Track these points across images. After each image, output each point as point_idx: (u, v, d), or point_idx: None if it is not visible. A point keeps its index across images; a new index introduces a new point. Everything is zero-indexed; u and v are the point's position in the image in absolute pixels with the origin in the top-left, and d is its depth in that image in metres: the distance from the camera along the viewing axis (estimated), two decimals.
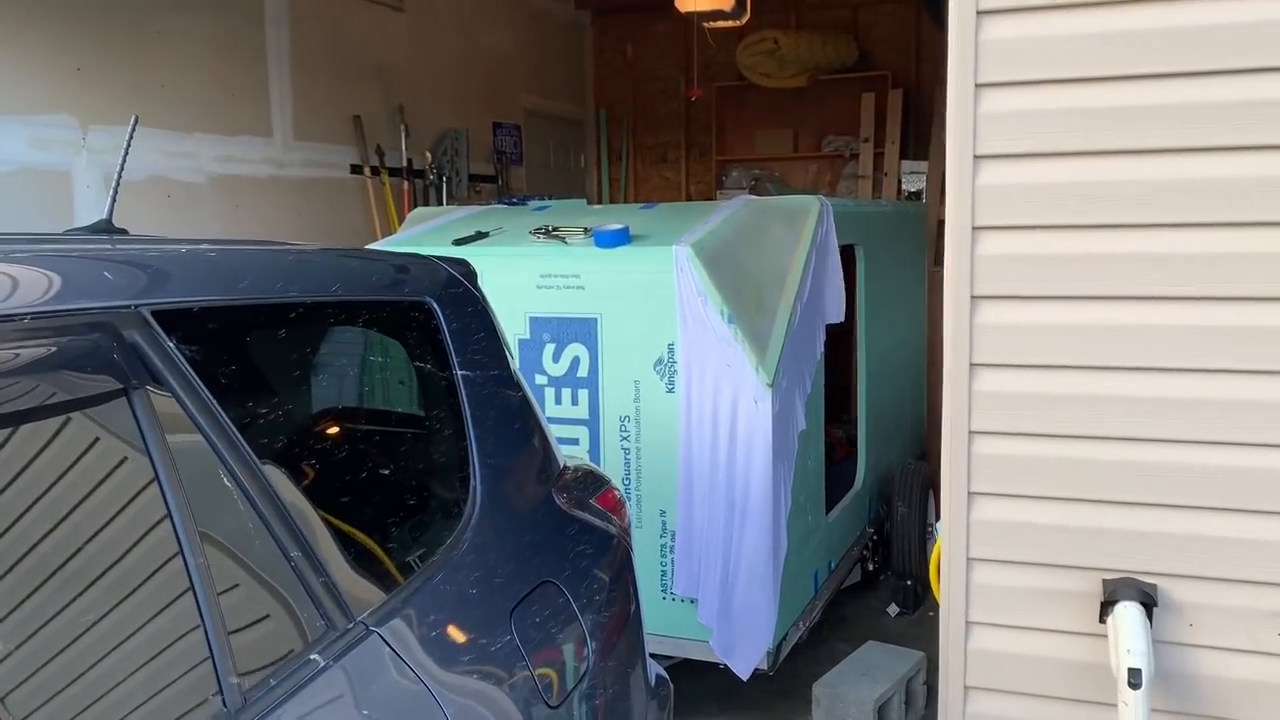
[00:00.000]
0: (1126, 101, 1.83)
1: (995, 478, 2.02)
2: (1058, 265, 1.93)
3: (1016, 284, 1.95)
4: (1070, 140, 1.87)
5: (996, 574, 2.05)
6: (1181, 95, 1.80)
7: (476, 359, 2.09)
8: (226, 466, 1.45)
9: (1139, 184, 1.85)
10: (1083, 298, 1.93)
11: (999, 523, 2.04)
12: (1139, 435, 1.93)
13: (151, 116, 5.15)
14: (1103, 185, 1.88)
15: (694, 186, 9.80)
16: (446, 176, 7.42)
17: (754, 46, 8.66)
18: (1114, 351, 1.92)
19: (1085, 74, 1.85)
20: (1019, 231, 1.93)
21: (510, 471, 2.09)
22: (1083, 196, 1.89)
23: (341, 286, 1.82)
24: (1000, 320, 1.97)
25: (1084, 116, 1.86)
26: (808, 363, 4.14)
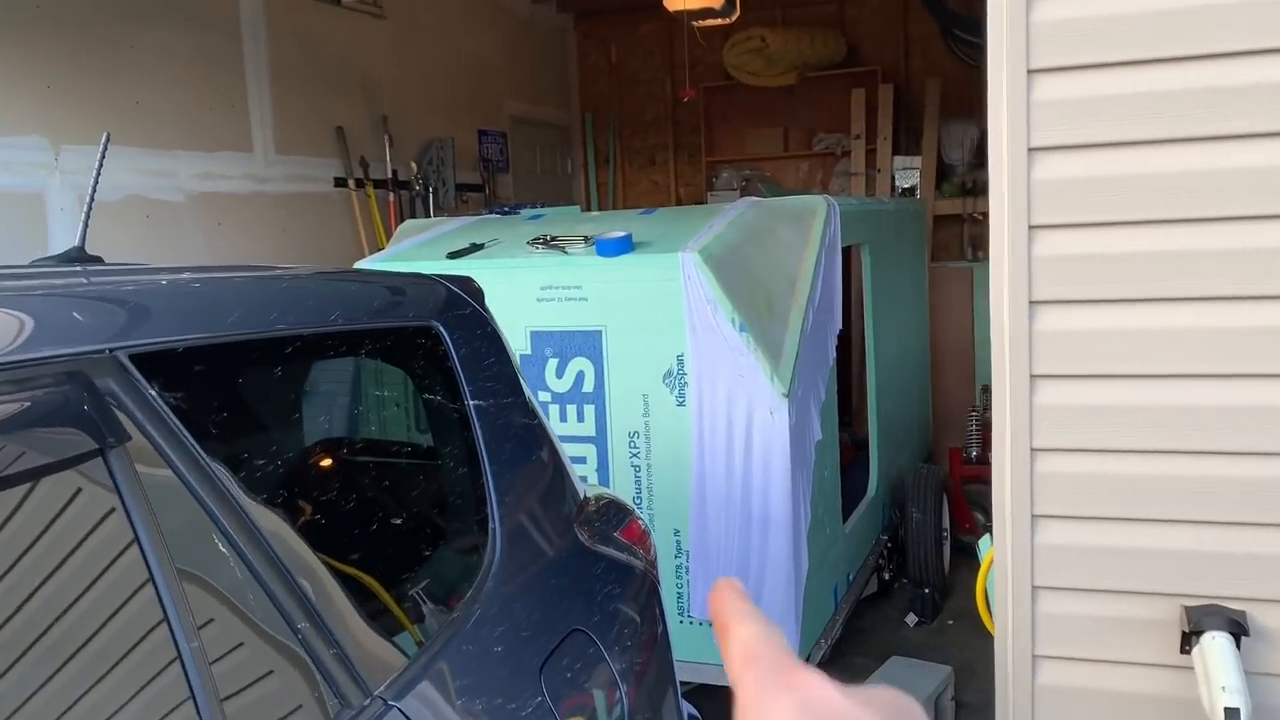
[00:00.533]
0: (1201, 83, 1.67)
1: (1062, 499, 1.86)
2: (1128, 265, 1.77)
3: (1081, 287, 1.79)
4: (1138, 128, 1.72)
5: (1065, 603, 1.89)
6: (1269, 74, 1.64)
7: (489, 386, 1.91)
8: (221, 530, 1.27)
9: (1221, 173, 1.69)
10: (1158, 299, 1.77)
11: (1067, 547, 1.87)
12: (1223, 448, 1.77)
13: (127, 134, 4.96)
14: (1180, 176, 1.72)
15: (683, 189, 9.64)
16: (433, 187, 7.24)
17: (741, 45, 8.50)
18: (1195, 358, 1.76)
19: (1154, 55, 1.70)
20: (1082, 229, 1.77)
21: (531, 510, 1.91)
22: (1156, 189, 1.73)
23: (341, 314, 1.64)
24: (1064, 327, 1.81)
25: (1153, 101, 1.71)
26: (821, 369, 3.98)
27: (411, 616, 1.59)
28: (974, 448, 5.97)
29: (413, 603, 1.63)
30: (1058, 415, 1.84)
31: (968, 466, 5.91)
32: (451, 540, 1.75)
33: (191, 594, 1.20)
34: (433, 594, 1.66)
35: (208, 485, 1.26)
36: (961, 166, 8.14)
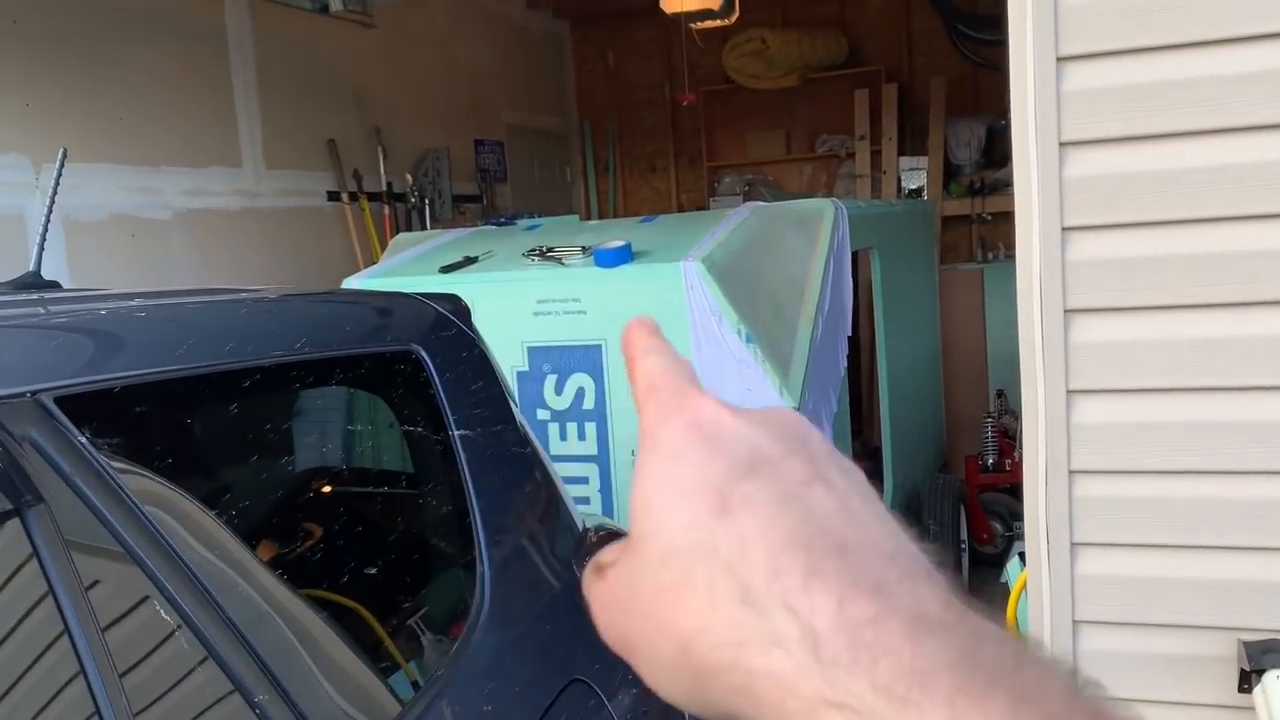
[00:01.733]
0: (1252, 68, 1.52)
1: (1104, 525, 1.70)
2: (1177, 268, 1.61)
3: (1123, 294, 1.63)
4: (1182, 118, 1.56)
5: (1110, 638, 1.72)
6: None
7: (476, 414, 1.76)
8: (164, 595, 1.11)
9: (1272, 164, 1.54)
10: (1211, 305, 1.61)
11: (1110, 578, 1.72)
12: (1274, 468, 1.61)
13: (111, 151, 4.82)
14: (1226, 168, 1.56)
15: (685, 195, 9.49)
16: (429, 199, 7.09)
17: (741, 47, 8.36)
18: (1252, 369, 1.60)
19: (1197, 38, 1.54)
20: (1123, 230, 1.62)
21: (523, 549, 1.76)
22: (1200, 184, 1.58)
23: (309, 341, 1.48)
24: (1104, 338, 1.65)
25: (1198, 88, 1.55)
26: (832, 379, 3.82)
27: (390, 676, 1.43)
28: (990, 455, 5.80)
29: (392, 660, 1.47)
30: (1098, 434, 1.68)
31: (984, 475, 5.74)
32: (435, 587, 1.60)
33: (127, 676, 1.04)
34: (414, 649, 1.51)
35: (148, 545, 1.10)
36: (969, 166, 7.97)
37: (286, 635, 1.25)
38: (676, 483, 0.38)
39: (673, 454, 0.38)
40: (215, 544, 1.22)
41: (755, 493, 0.36)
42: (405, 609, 1.53)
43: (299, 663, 1.25)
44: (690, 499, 0.37)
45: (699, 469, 0.38)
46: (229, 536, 1.23)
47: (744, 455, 0.38)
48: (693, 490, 0.37)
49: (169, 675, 1.11)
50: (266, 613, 1.24)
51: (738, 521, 0.36)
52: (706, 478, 0.37)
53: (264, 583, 1.28)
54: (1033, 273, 1.69)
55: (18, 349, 1.11)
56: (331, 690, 1.29)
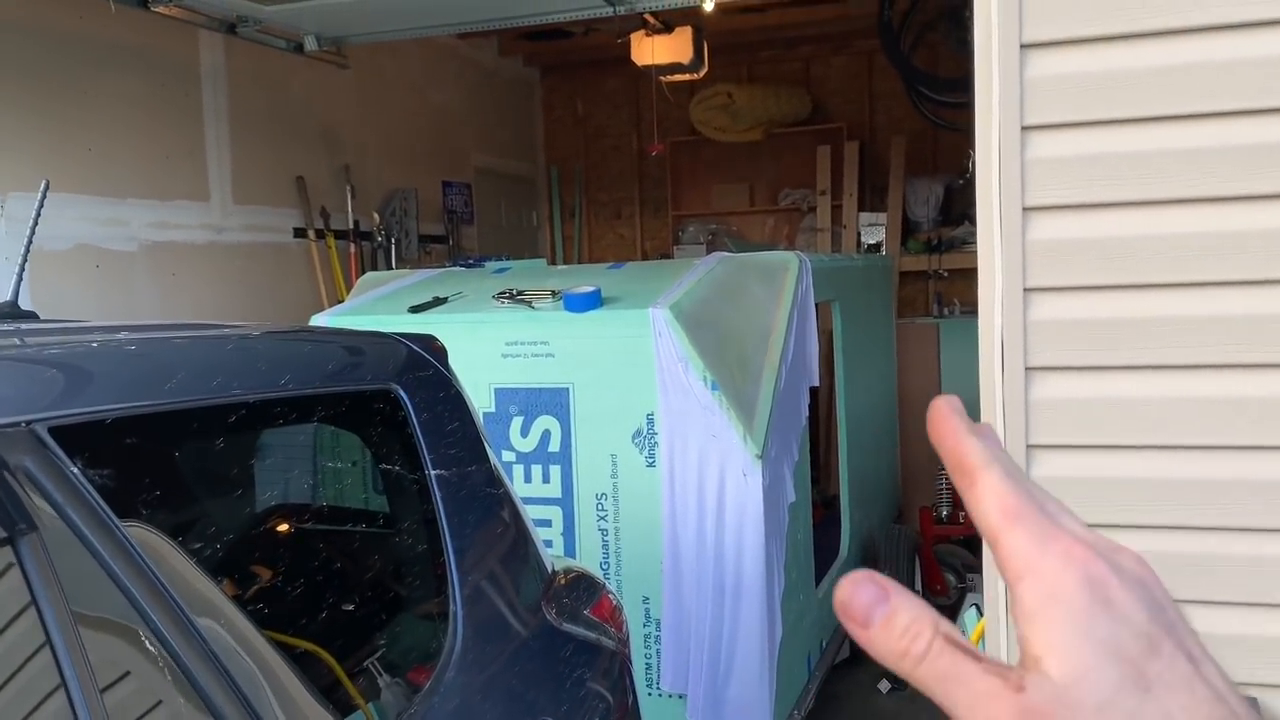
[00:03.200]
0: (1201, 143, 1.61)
1: None
2: (1132, 330, 1.69)
3: (1081, 353, 1.70)
4: (1137, 188, 1.64)
5: None
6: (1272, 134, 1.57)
7: (452, 454, 1.78)
8: (151, 629, 1.13)
9: (1226, 236, 1.62)
10: (1161, 366, 1.69)
11: None
12: (1237, 525, 1.68)
13: (78, 181, 4.80)
14: (1178, 238, 1.65)
15: (649, 243, 9.59)
16: (396, 238, 7.11)
17: (708, 101, 8.52)
18: (1203, 429, 1.68)
19: (1155, 113, 1.63)
20: (1081, 292, 1.69)
21: (496, 589, 1.78)
22: (1154, 250, 1.66)
23: (292, 378, 1.51)
24: (1062, 395, 1.72)
25: (1153, 160, 1.64)
26: (795, 429, 3.88)
27: (368, 711, 1.44)
28: (944, 507, 5.88)
29: (367, 696, 1.48)
30: (1056, 488, 1.73)
31: (939, 526, 5.82)
32: (409, 625, 1.61)
33: (112, 702, 1.06)
34: (389, 686, 1.52)
35: (136, 577, 1.12)
36: (927, 223, 8.16)
37: (267, 675, 1.26)
38: (1095, 638, 0.40)
39: (1082, 606, 0.41)
40: (198, 577, 1.23)
41: (1164, 673, 0.40)
42: (378, 647, 1.54)
43: (280, 703, 1.26)
44: (1113, 661, 0.40)
45: (1110, 633, 0.40)
46: (215, 571, 1.25)
47: (1140, 625, 0.41)
48: (1113, 652, 0.40)
49: (149, 701, 1.12)
50: (249, 644, 1.25)
51: (1160, 701, 0.39)
52: (1120, 643, 0.40)
53: (245, 615, 1.29)
54: (994, 330, 1.76)
55: (14, 380, 1.13)
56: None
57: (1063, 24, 1.65)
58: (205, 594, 1.22)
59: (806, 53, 8.85)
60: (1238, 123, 1.62)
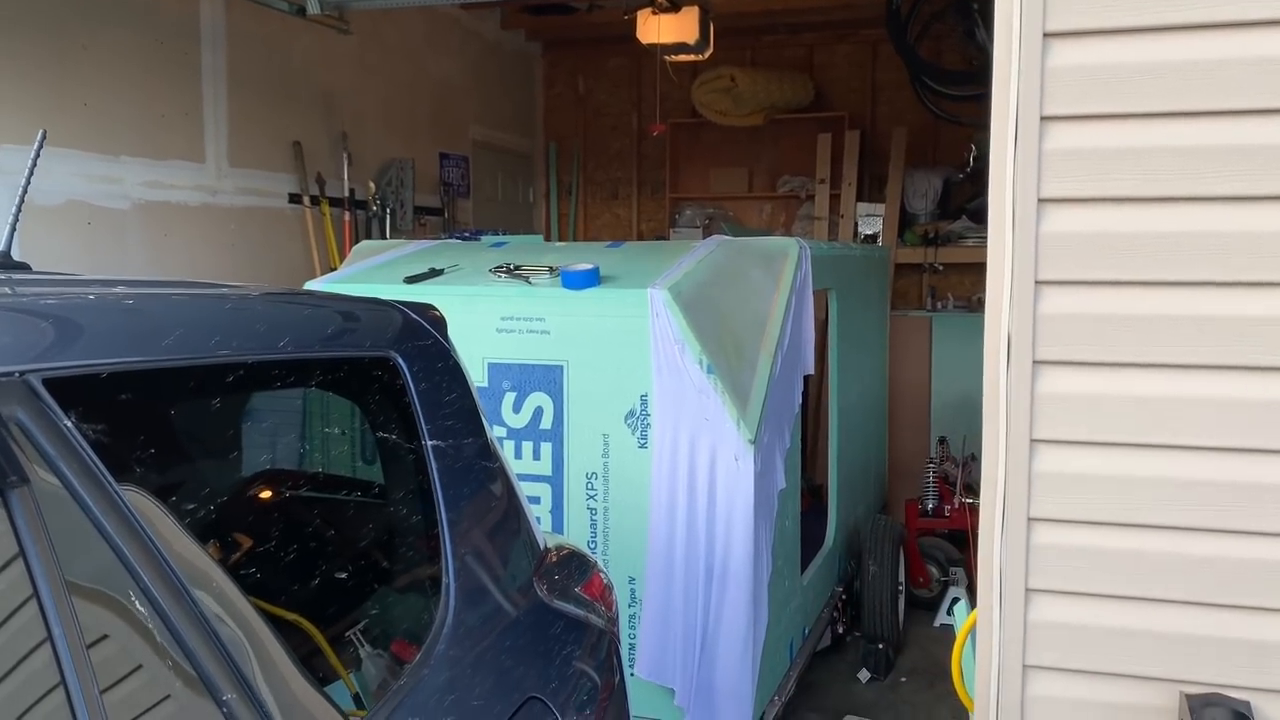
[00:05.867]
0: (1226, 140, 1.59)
1: (1058, 573, 1.74)
2: (1139, 328, 1.67)
3: (1090, 349, 1.69)
4: (1159, 185, 1.63)
5: (1058, 685, 1.77)
6: None
7: (449, 426, 1.76)
8: (139, 585, 1.10)
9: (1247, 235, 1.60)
10: (1172, 365, 1.67)
11: (1061, 625, 1.76)
12: (1234, 527, 1.67)
13: (72, 137, 4.74)
14: (1197, 235, 1.63)
15: (645, 225, 9.54)
16: (391, 208, 7.05)
17: (710, 84, 8.46)
18: (1207, 430, 1.66)
19: (1176, 108, 1.61)
20: (1093, 287, 1.67)
21: (488, 564, 1.76)
22: (1172, 248, 1.64)
23: (291, 341, 1.48)
24: (1068, 390, 1.70)
25: (1174, 157, 1.62)
26: (788, 415, 3.87)
27: (356, 681, 1.42)
28: (930, 500, 5.89)
29: (357, 665, 1.46)
30: (1058, 484, 1.73)
31: (924, 519, 5.83)
32: (401, 596, 1.59)
33: (99, 660, 1.03)
34: (379, 656, 1.50)
35: (126, 532, 1.09)
36: (924, 216, 8.13)
37: (255, 636, 1.24)
38: None
39: None
40: (189, 539, 1.21)
41: None
42: (368, 617, 1.52)
43: (267, 664, 1.24)
44: None
45: None
46: (205, 530, 1.22)
47: None
48: None
49: (137, 663, 1.10)
50: (236, 608, 1.23)
51: None
52: None
53: (234, 583, 1.26)
54: (1002, 322, 1.74)
55: (9, 329, 1.10)
56: (298, 691, 1.28)
57: (1088, 13, 1.63)
58: (196, 556, 1.19)
59: (811, 39, 8.80)
60: (1266, 121, 1.60)
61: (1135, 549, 1.71)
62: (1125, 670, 1.74)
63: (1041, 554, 1.74)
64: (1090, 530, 1.72)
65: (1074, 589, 1.74)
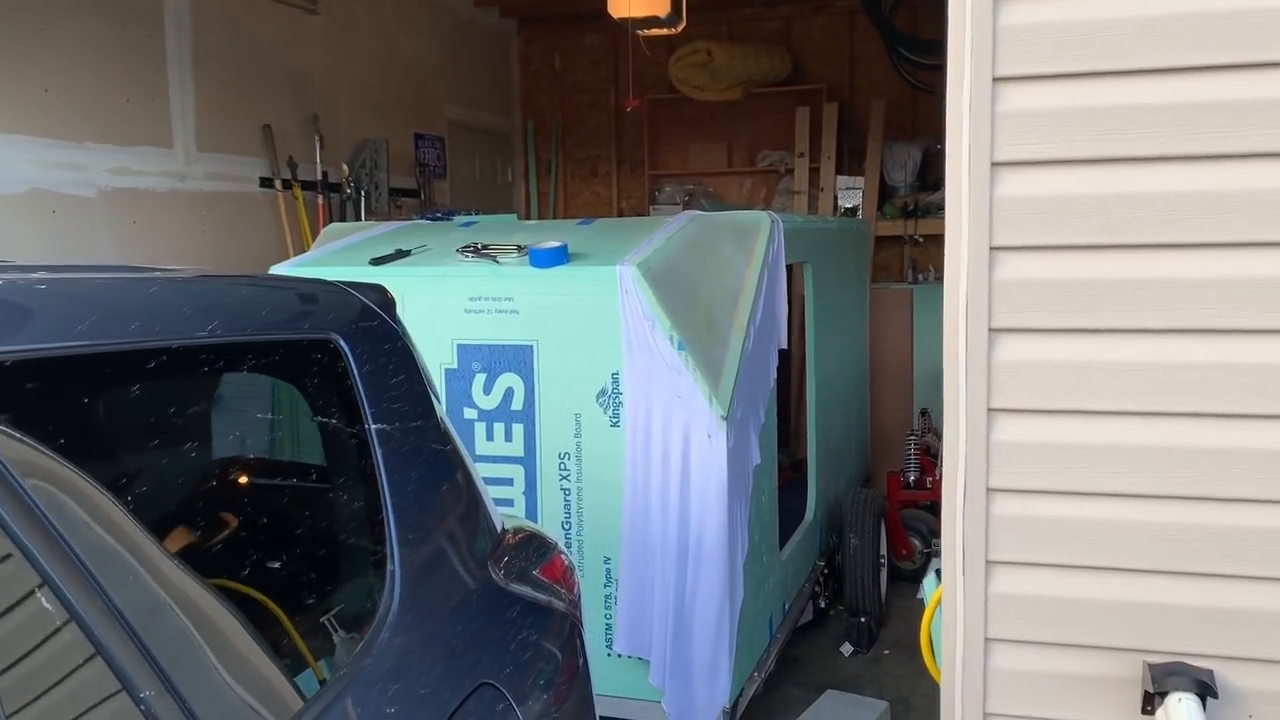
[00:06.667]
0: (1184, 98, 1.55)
1: (1019, 544, 1.71)
2: (1099, 292, 1.63)
3: (1047, 315, 1.65)
4: (1115, 144, 1.58)
5: (1020, 657, 1.74)
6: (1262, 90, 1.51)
7: (395, 408, 1.72)
8: (47, 582, 1.06)
9: (1204, 195, 1.57)
10: (1129, 330, 1.64)
11: (1024, 597, 1.73)
12: (1196, 494, 1.64)
13: (33, 124, 4.66)
14: (1156, 197, 1.59)
15: (625, 202, 9.48)
16: (365, 190, 6.98)
17: (687, 58, 8.38)
18: (1166, 395, 1.63)
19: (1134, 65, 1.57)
20: (1050, 252, 1.64)
21: (438, 548, 1.72)
22: (1130, 210, 1.60)
23: (221, 324, 1.44)
24: (1026, 358, 1.67)
25: (1132, 115, 1.58)
26: (762, 391, 3.84)
27: (290, 674, 1.38)
28: (912, 472, 5.87)
29: (292, 658, 1.42)
30: (1017, 453, 1.70)
31: (906, 491, 5.82)
32: (342, 584, 1.55)
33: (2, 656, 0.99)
34: (316, 648, 1.46)
35: (30, 526, 1.05)
36: (904, 188, 8.09)
37: (180, 629, 1.20)
38: None
39: None
40: (107, 532, 1.16)
41: None
42: (311, 604, 1.48)
43: (192, 657, 1.20)
44: None
45: None
46: (123, 524, 1.18)
47: None
48: None
49: (43, 665, 1.06)
50: (160, 605, 1.19)
51: None
52: None
53: (159, 574, 1.22)
54: (960, 290, 1.70)
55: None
56: (227, 685, 1.24)
57: None
58: (114, 550, 1.15)
59: (787, 12, 8.71)
60: (1222, 77, 1.56)
61: (1096, 518, 1.69)
62: (1088, 641, 1.71)
63: (1001, 525, 1.71)
64: (1050, 500, 1.69)
65: (1035, 560, 1.71)
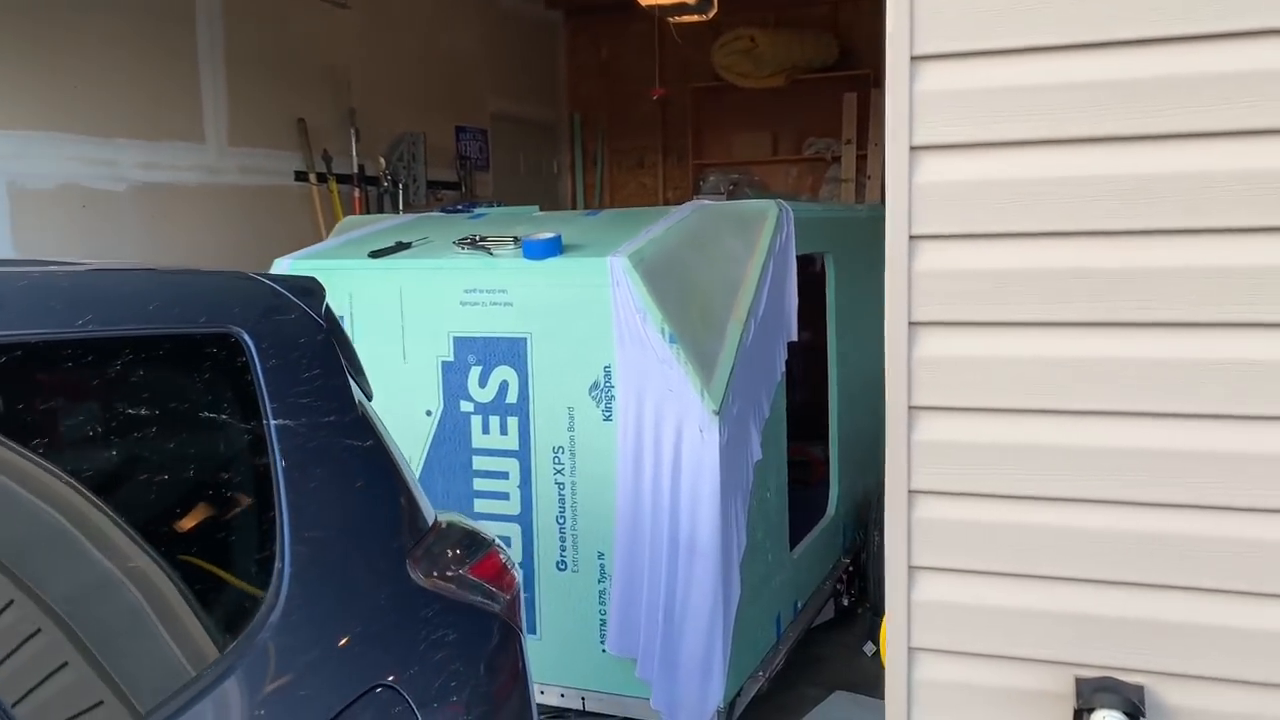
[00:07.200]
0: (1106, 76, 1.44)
1: (941, 548, 1.62)
2: (1019, 283, 1.53)
3: (965, 308, 1.55)
4: (1033, 126, 1.48)
5: (945, 668, 1.65)
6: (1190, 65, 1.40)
7: (303, 403, 1.69)
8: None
9: (1129, 179, 1.45)
10: (1052, 324, 1.53)
11: (946, 605, 1.64)
12: (1124, 498, 1.53)
13: (64, 120, 4.77)
14: (1071, 182, 1.49)
15: (672, 192, 9.41)
16: (403, 183, 7.03)
17: (730, 45, 8.28)
18: (1094, 392, 1.52)
19: (1055, 41, 1.46)
20: (966, 241, 1.54)
21: (341, 546, 1.69)
22: (1044, 196, 1.50)
23: (96, 318, 1.42)
24: (946, 352, 1.57)
25: (1050, 95, 1.47)
26: (765, 385, 3.74)
27: (154, 670, 1.36)
28: None
29: (160, 654, 1.40)
30: (938, 453, 1.60)
31: None
32: (220, 586, 1.53)
33: None
34: (191, 643, 1.44)
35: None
36: None
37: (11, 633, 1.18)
38: None
39: None
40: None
41: None
42: (184, 603, 1.46)
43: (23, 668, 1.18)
44: None
45: None
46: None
47: None
48: None
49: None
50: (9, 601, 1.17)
51: None
52: None
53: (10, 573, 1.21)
54: (886, 282, 1.61)
55: None
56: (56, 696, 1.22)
57: None
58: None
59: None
60: (1153, 52, 1.44)
61: (1022, 523, 1.58)
62: (1015, 653, 1.61)
63: (923, 529, 1.61)
64: (974, 503, 1.59)
65: (958, 566, 1.62)
